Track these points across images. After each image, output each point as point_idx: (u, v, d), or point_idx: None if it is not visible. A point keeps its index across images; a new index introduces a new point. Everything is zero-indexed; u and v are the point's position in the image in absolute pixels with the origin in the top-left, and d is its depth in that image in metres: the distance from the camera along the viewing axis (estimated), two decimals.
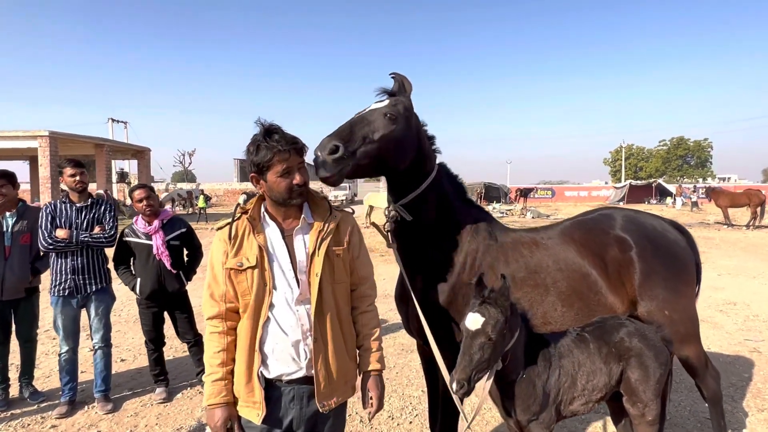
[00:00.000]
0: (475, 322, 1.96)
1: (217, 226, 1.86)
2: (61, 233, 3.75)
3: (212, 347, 1.79)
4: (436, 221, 2.45)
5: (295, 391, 1.79)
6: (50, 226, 3.77)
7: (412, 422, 3.73)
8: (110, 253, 4.07)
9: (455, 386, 1.90)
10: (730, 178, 75.05)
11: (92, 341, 4.05)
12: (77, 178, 3.86)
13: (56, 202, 3.91)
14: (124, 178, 32.58)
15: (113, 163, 30.01)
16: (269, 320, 1.76)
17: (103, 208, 4.02)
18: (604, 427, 3.60)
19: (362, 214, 17.91)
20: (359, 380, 1.95)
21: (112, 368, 4.18)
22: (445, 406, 2.61)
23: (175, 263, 4.13)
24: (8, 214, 3.98)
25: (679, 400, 3.97)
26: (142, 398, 4.23)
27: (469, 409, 3.61)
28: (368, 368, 1.91)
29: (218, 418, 1.74)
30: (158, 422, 3.80)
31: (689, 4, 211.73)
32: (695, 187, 36.01)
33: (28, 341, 4.20)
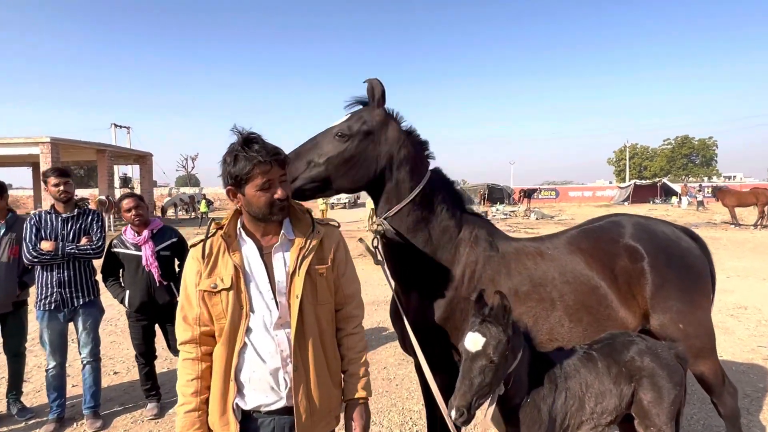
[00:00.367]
0: (475, 342, 1.80)
1: (190, 242, 1.72)
2: (46, 245, 3.62)
3: (185, 375, 1.65)
4: (429, 232, 2.31)
5: (275, 422, 1.64)
6: (35, 238, 3.64)
7: None
8: (98, 264, 3.95)
9: (455, 414, 1.75)
10: (735, 176, 74.58)
11: (80, 356, 3.92)
12: (61, 187, 3.72)
13: (41, 212, 3.79)
14: (127, 183, 32.74)
15: (116, 168, 30.06)
16: (246, 346, 1.62)
17: (90, 218, 3.89)
18: None
19: (364, 217, 17.78)
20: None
21: (101, 383, 4.05)
22: (444, 429, 2.46)
23: (165, 274, 3.99)
24: None
25: (691, 413, 3.78)
26: (133, 414, 4.10)
27: None
28: (354, 396, 1.76)
29: None
30: None
31: (693, 1, 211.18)
32: (701, 186, 35.65)
33: (16, 356, 4.10)
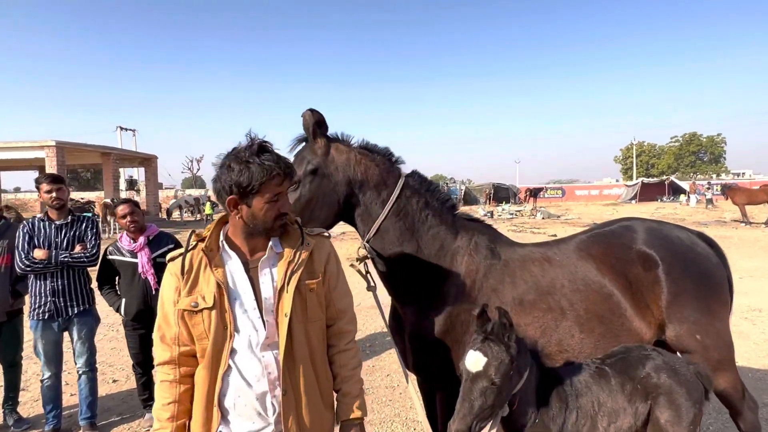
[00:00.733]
0: (475, 363, 1.68)
1: (168, 256, 1.60)
2: (39, 253, 3.53)
3: (162, 398, 1.53)
4: (418, 242, 2.20)
5: None
6: (28, 246, 3.56)
7: None
8: (94, 272, 3.85)
9: None
10: (744, 173, 73.72)
11: (76, 366, 3.83)
12: (54, 194, 3.63)
13: (34, 220, 3.70)
14: (133, 185, 32.76)
15: (122, 171, 30.17)
16: (230, 369, 1.50)
17: (84, 225, 3.80)
18: None
19: None
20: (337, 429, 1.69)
21: (98, 393, 3.96)
22: None
23: (161, 281, 3.89)
24: None
25: (707, 423, 3.63)
26: (130, 424, 4.00)
27: None
28: (348, 417, 1.64)
29: None
30: None
31: None
32: (709, 183, 35.21)
33: (12, 365, 4.04)
